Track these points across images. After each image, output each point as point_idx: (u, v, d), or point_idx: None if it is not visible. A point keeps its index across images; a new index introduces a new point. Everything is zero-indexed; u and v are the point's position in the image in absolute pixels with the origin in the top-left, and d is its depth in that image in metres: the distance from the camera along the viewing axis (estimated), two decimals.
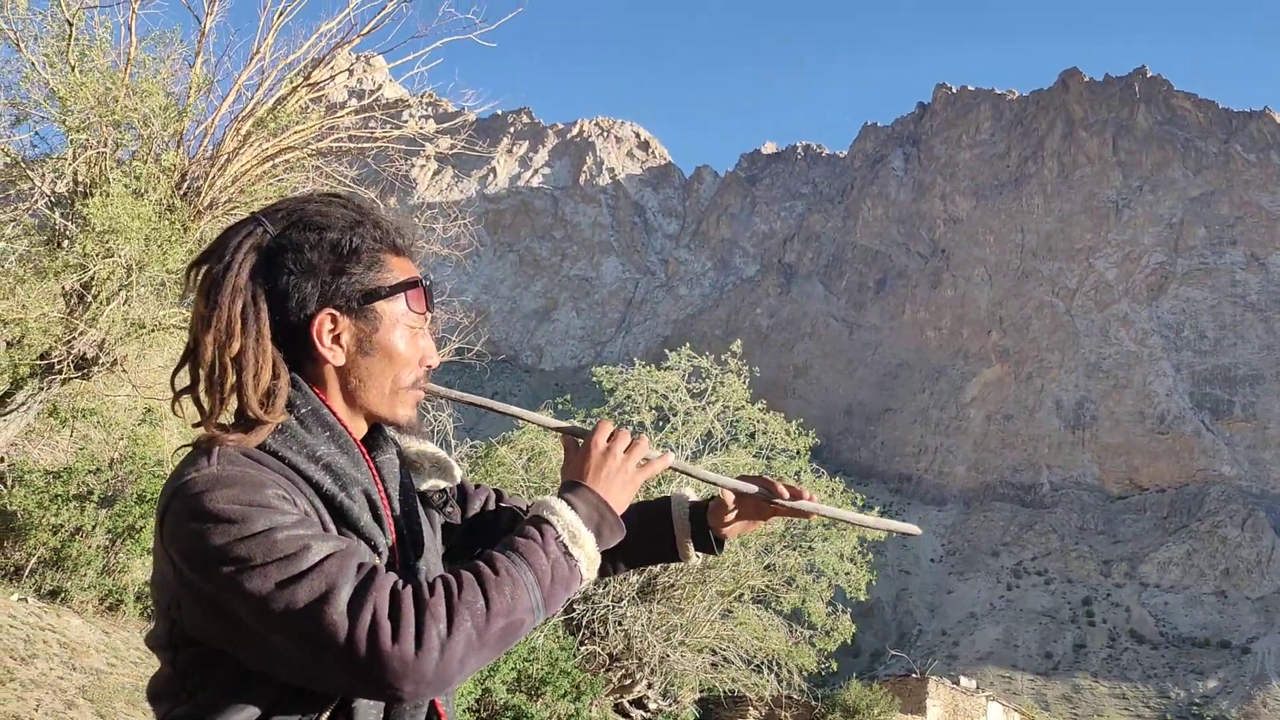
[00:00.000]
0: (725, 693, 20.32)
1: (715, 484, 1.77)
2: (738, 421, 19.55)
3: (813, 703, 23.88)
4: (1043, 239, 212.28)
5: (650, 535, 1.89)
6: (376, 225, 1.58)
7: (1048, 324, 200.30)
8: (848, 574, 18.96)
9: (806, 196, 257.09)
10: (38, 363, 9.16)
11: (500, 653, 1.35)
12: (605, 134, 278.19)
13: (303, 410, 1.50)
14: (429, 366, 1.63)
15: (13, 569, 9.45)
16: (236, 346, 1.44)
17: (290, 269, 1.50)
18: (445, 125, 15.42)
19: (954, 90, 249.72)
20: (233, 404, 1.46)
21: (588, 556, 1.47)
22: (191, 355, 1.50)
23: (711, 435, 19.14)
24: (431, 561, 1.65)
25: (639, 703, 19.18)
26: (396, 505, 1.60)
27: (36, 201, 9.82)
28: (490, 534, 1.91)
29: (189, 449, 1.46)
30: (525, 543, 1.43)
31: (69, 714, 5.53)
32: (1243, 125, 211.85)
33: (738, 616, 18.69)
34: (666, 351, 20.02)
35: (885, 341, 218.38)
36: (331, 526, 1.44)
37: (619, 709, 18.23)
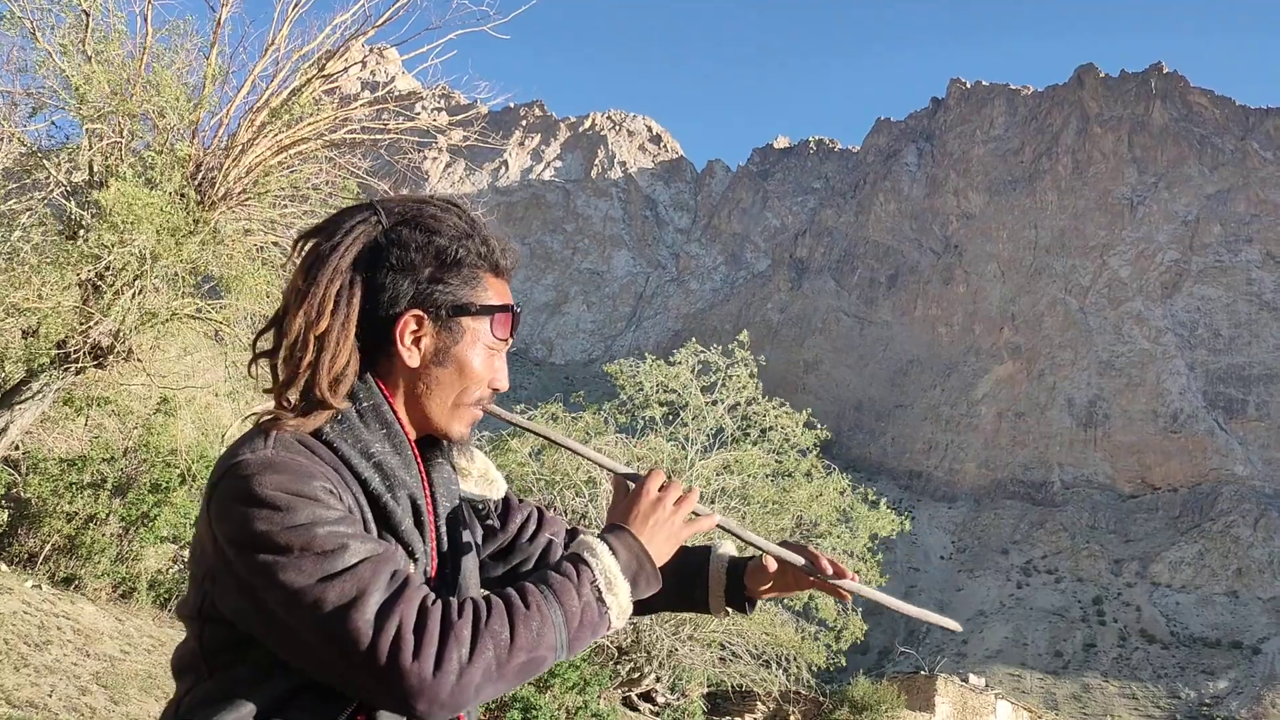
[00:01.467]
0: (733, 687, 20.34)
1: (760, 549, 1.75)
2: (748, 416, 19.52)
3: (821, 699, 23.89)
4: (1056, 235, 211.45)
5: (685, 583, 1.89)
6: (484, 242, 1.60)
7: (1060, 321, 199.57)
8: (859, 573, 18.95)
9: (819, 191, 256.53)
10: (54, 351, 9.22)
11: (518, 685, 1.35)
12: (617, 127, 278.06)
13: (364, 404, 1.51)
14: (495, 389, 1.64)
15: (27, 556, 9.51)
16: (324, 326, 1.47)
17: (392, 264, 1.52)
18: (458, 118, 15.44)
19: (968, 85, 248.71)
20: (304, 380, 1.48)
21: (620, 605, 1.47)
22: (278, 323, 1.53)
23: (722, 430, 19.13)
24: (469, 574, 1.66)
25: (647, 696, 19.22)
26: (443, 514, 1.62)
27: (52, 191, 9.87)
28: (524, 555, 1.91)
29: (251, 420, 1.46)
30: (560, 580, 1.43)
31: (83, 700, 5.57)
32: (1260, 122, 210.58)
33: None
34: (676, 351, 19.99)
35: (896, 337, 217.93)
36: (373, 527, 1.45)
37: (627, 702, 18.27)
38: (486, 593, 1.41)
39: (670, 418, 19.14)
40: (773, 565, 1.83)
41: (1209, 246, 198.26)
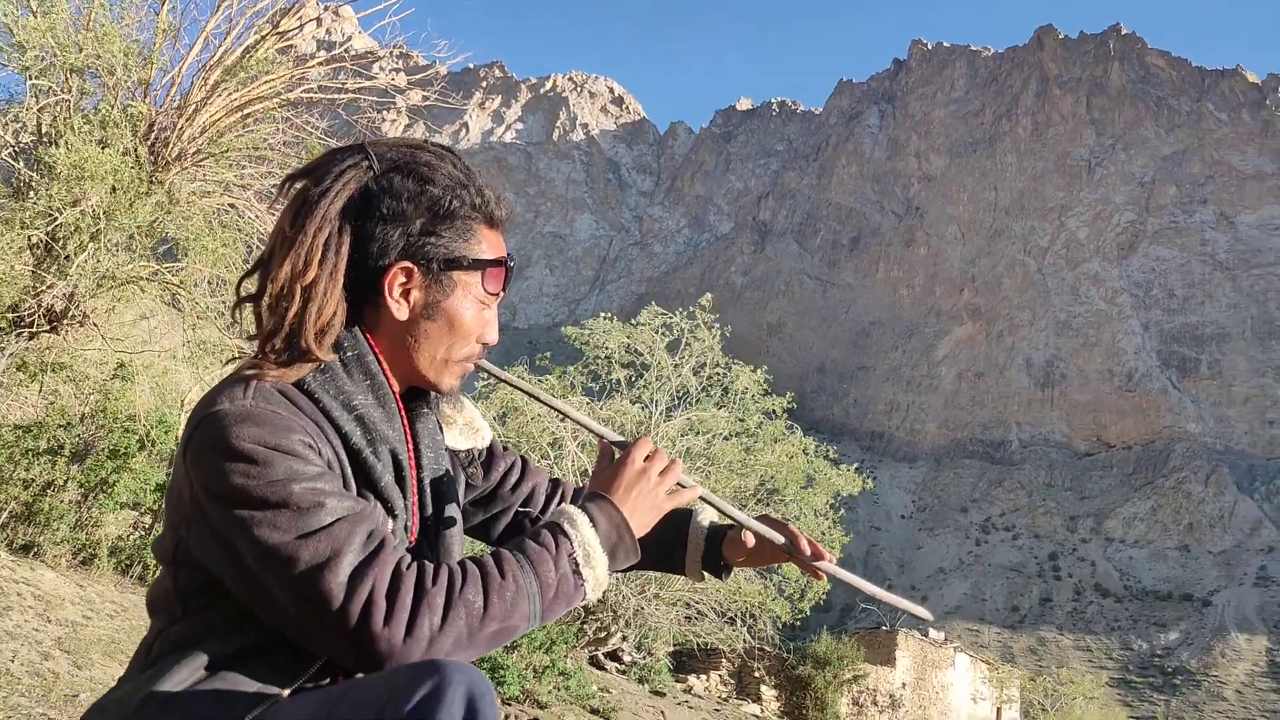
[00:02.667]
0: (699, 645, 20.58)
1: (741, 523, 1.75)
2: (711, 377, 19.57)
3: (784, 655, 24.23)
4: (1015, 197, 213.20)
5: (665, 546, 1.88)
6: (480, 192, 1.55)
7: (1019, 282, 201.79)
8: (824, 534, 19.13)
9: (781, 154, 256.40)
10: (7, 315, 9.04)
11: (489, 651, 1.34)
12: (579, 89, 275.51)
13: (349, 353, 1.48)
14: (485, 344, 1.60)
15: None
16: (310, 276, 1.43)
17: (383, 214, 1.47)
18: (416, 78, 15.23)
19: (930, 46, 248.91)
20: (288, 329, 1.44)
21: (596, 578, 1.45)
22: (263, 267, 1.48)
23: (687, 391, 19.18)
24: (453, 530, 1.64)
25: (614, 655, 19.41)
26: (426, 467, 1.59)
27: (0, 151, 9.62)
28: (504, 505, 1.89)
29: (234, 363, 1.46)
30: (538, 550, 1.41)
31: (45, 665, 5.53)
32: (1215, 84, 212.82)
33: None
34: (640, 313, 19.93)
35: (858, 299, 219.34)
36: (352, 483, 1.43)
37: (594, 661, 18.43)
38: (473, 544, 1.47)
39: (634, 379, 19.16)
40: (751, 540, 1.82)
41: (1164, 208, 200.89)
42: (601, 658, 18.81)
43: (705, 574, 1.90)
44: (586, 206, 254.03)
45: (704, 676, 22.79)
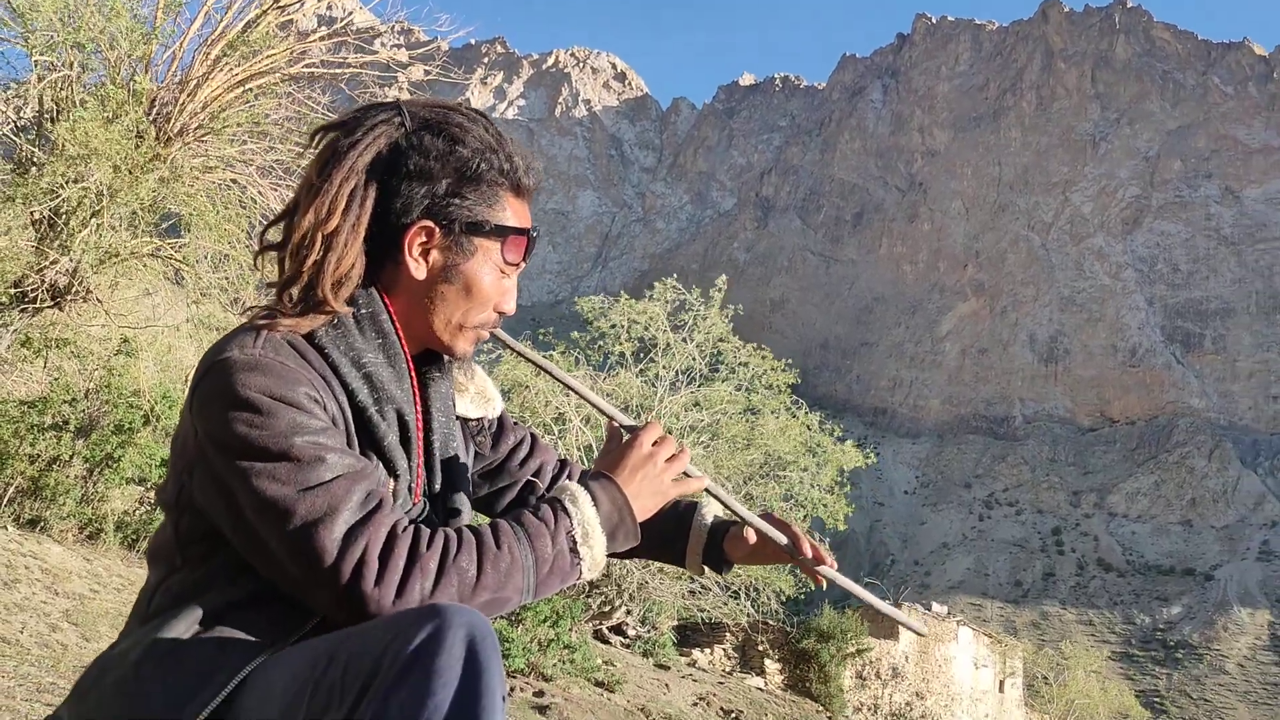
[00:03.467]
0: (703, 620, 20.66)
1: (744, 520, 1.75)
2: (719, 354, 19.55)
3: (788, 629, 24.31)
4: (1020, 172, 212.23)
5: (666, 535, 1.89)
6: (509, 159, 1.54)
7: (1023, 258, 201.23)
8: (825, 505, 19.16)
9: (784, 129, 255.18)
10: (11, 291, 9.06)
11: None
12: (581, 65, 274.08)
13: (363, 310, 1.48)
14: (502, 313, 1.61)
15: None
16: (333, 225, 1.43)
17: (409, 171, 1.47)
18: (418, 53, 15.13)
19: (934, 20, 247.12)
20: (307, 278, 1.44)
21: (594, 558, 1.45)
22: (288, 216, 1.50)
23: (692, 368, 19.17)
24: (461, 495, 1.65)
25: (618, 629, 19.49)
26: (437, 430, 1.59)
27: (2, 127, 9.61)
28: (511, 479, 1.88)
29: (247, 313, 1.48)
30: (536, 524, 1.41)
31: (54, 636, 5.58)
32: (1221, 57, 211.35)
33: None
34: (652, 285, 19.87)
35: (862, 275, 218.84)
36: (355, 440, 1.43)
37: (598, 635, 18.52)
38: (478, 519, 1.44)
39: (640, 355, 19.14)
40: (754, 538, 1.82)
41: (1169, 182, 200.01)
42: (606, 631, 18.91)
43: (705, 567, 1.90)
44: (589, 183, 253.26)
45: (708, 650, 22.89)
